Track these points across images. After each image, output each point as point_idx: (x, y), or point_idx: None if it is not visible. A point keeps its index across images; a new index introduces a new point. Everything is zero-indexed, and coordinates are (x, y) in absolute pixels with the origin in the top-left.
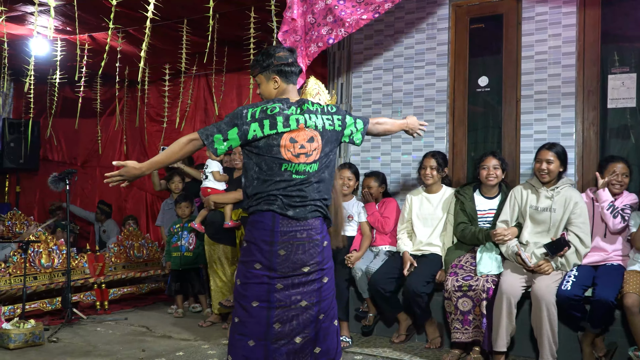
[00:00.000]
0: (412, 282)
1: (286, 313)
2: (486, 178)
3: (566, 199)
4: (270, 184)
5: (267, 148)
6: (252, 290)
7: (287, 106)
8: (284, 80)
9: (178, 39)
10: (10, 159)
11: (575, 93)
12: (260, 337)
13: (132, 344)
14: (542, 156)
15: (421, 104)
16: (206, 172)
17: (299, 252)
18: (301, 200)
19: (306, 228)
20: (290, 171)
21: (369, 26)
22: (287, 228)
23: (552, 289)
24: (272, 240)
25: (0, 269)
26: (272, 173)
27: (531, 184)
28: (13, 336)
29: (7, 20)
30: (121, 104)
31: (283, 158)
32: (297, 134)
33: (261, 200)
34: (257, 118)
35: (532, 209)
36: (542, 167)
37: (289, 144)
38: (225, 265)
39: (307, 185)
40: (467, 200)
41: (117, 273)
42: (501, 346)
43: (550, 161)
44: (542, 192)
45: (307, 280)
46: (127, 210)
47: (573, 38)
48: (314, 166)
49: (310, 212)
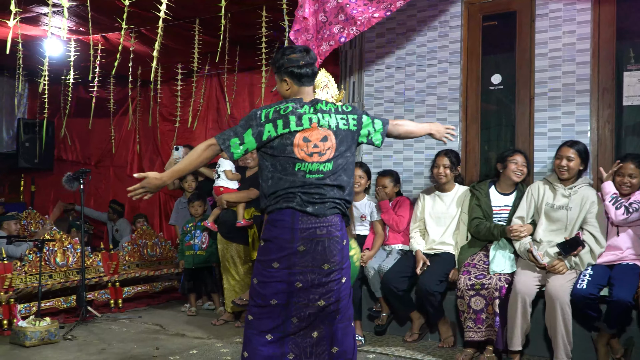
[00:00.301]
0: (425, 281)
1: (304, 310)
2: (513, 172)
3: (583, 198)
4: (286, 182)
5: (281, 148)
6: (271, 289)
7: (300, 105)
8: (296, 83)
9: (190, 39)
10: (25, 159)
11: (590, 90)
12: (278, 331)
13: (146, 342)
14: (562, 153)
15: (434, 102)
16: (218, 171)
17: (318, 248)
18: (320, 197)
19: (325, 224)
20: (304, 171)
21: (381, 24)
22: (306, 225)
23: (567, 289)
24: (292, 238)
25: (16, 268)
26: (287, 173)
27: (549, 180)
28: (29, 334)
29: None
30: (134, 103)
31: (296, 157)
32: (310, 133)
33: (280, 198)
34: (270, 118)
35: (548, 207)
36: (562, 164)
37: (302, 143)
38: (238, 264)
39: (324, 184)
40: (482, 195)
41: (130, 271)
42: (516, 345)
43: (570, 158)
44: (559, 190)
45: (328, 280)
46: (141, 209)
47: (588, 35)
48: (329, 165)
49: (329, 209)
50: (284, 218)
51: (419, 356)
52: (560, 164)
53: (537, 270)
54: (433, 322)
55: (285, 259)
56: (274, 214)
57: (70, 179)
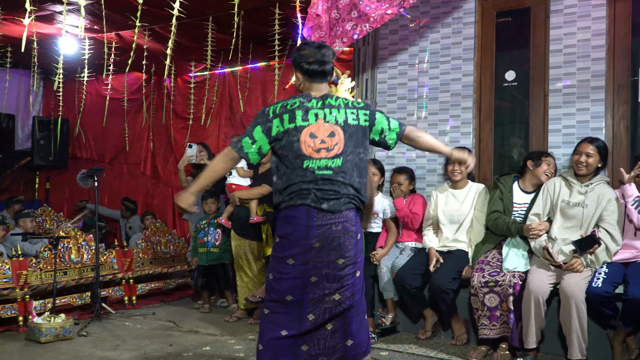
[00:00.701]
0: (438, 278)
1: (320, 305)
2: (544, 173)
3: (599, 196)
4: (297, 178)
5: (289, 145)
6: (286, 285)
7: (308, 100)
8: (307, 79)
9: (203, 36)
10: (40, 156)
11: (605, 87)
12: (293, 328)
13: (159, 338)
14: (582, 149)
15: (447, 99)
16: None
17: (334, 244)
18: (335, 193)
19: (341, 220)
20: (313, 167)
21: (394, 21)
22: (322, 222)
23: (582, 286)
24: (307, 235)
25: (32, 264)
26: (296, 170)
27: (566, 177)
28: (44, 330)
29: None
30: (148, 101)
31: (303, 154)
32: (316, 128)
33: (293, 194)
34: (277, 113)
35: (564, 204)
36: (581, 160)
37: (309, 139)
38: (251, 261)
39: (336, 180)
40: (506, 190)
41: (144, 268)
42: (531, 343)
43: (590, 154)
44: (576, 187)
45: (343, 274)
46: (154, 207)
47: (603, 31)
48: (338, 161)
49: (344, 205)
50: (298, 215)
51: (432, 353)
52: (579, 159)
53: (551, 269)
54: (446, 319)
55: (301, 255)
56: (287, 211)
57: (84, 177)
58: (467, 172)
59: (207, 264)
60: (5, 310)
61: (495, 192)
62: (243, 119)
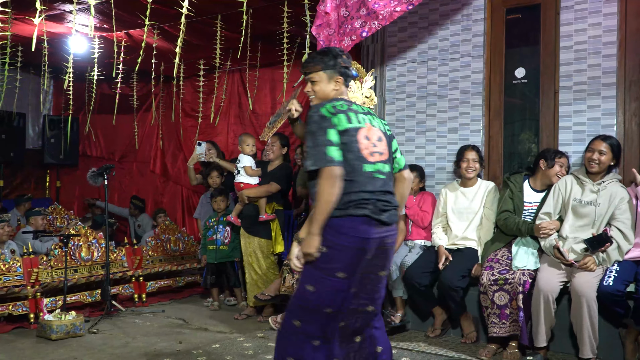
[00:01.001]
0: (448, 276)
1: (353, 315)
2: (556, 174)
3: (612, 194)
4: (358, 187)
5: (350, 145)
6: (328, 298)
7: (349, 104)
8: (344, 83)
9: (212, 35)
10: (50, 155)
11: (617, 84)
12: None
13: (169, 335)
14: (595, 146)
15: (456, 97)
16: (238, 167)
17: (382, 256)
18: (389, 204)
19: (392, 233)
20: (371, 171)
21: (403, 18)
22: (379, 234)
23: (593, 285)
24: (364, 247)
25: (43, 262)
26: (356, 174)
27: (577, 175)
28: (55, 327)
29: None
30: (157, 99)
31: (362, 156)
32: (368, 132)
33: (352, 203)
34: (333, 112)
35: (576, 202)
36: (594, 157)
37: (365, 142)
38: (260, 259)
39: (388, 189)
40: (516, 189)
41: (154, 266)
42: (541, 341)
43: (602, 152)
44: (588, 185)
45: (380, 286)
46: (164, 205)
47: (614, 27)
48: (387, 167)
49: (396, 216)
50: (356, 226)
51: (441, 352)
52: (591, 157)
53: (561, 267)
54: (455, 317)
55: (352, 267)
56: (344, 220)
57: (94, 175)
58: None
59: (216, 262)
60: (17, 307)
61: (506, 191)
62: (252, 117)
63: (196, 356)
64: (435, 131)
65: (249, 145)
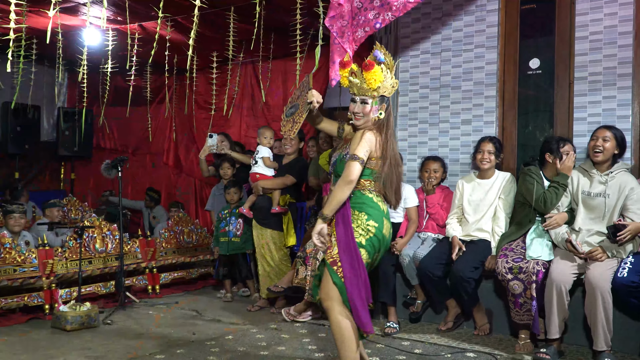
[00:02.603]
0: (460, 267)
1: None
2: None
3: (621, 185)
4: None
5: None
6: None
7: None
8: None
9: (225, 27)
10: (65, 147)
11: (633, 74)
12: None
13: (183, 327)
14: (599, 134)
15: (470, 88)
16: (256, 157)
17: None
18: None
19: None
20: None
21: (417, 9)
22: None
23: (607, 277)
24: None
25: (57, 254)
26: None
27: (584, 168)
28: (70, 318)
29: (61, 12)
30: (170, 92)
31: None
32: None
33: None
34: None
35: (585, 195)
36: (598, 144)
37: None
38: (273, 250)
39: None
40: (539, 178)
41: (167, 258)
42: (554, 333)
43: (606, 139)
44: (596, 177)
45: None
46: (176, 197)
47: (630, 17)
48: None
49: None
50: None
51: (454, 343)
52: (595, 144)
53: (575, 259)
54: (467, 309)
55: None
56: None
57: (108, 167)
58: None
59: (228, 254)
60: (32, 298)
61: (532, 180)
62: (264, 109)
63: (209, 347)
64: (449, 123)
65: (266, 138)
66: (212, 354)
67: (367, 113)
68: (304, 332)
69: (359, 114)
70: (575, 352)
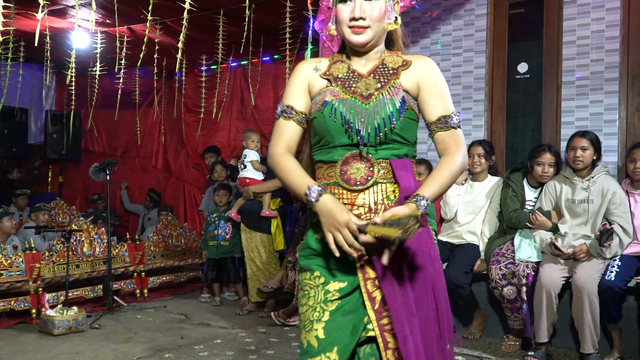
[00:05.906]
0: (451, 273)
1: None
2: (540, 176)
3: (603, 189)
4: None
5: None
6: None
7: None
8: None
9: (215, 29)
10: (53, 150)
11: (619, 78)
12: None
13: (171, 330)
14: (576, 144)
15: (459, 92)
16: (245, 161)
17: None
18: None
19: None
20: None
21: (405, 14)
22: None
23: (594, 279)
24: None
25: (45, 257)
26: None
27: (565, 176)
28: (57, 322)
29: (50, 14)
30: (159, 95)
31: None
32: None
33: None
34: None
35: (569, 202)
36: (577, 155)
37: None
38: (262, 252)
39: None
40: (518, 187)
41: (156, 262)
42: (543, 337)
43: (585, 148)
44: (578, 183)
45: None
46: (166, 200)
47: (617, 22)
48: None
49: None
50: None
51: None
52: (575, 155)
53: (563, 262)
54: (467, 314)
55: None
56: None
57: (96, 170)
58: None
59: (217, 257)
60: (19, 302)
61: (509, 191)
62: (254, 113)
63: (198, 351)
64: None
65: (253, 141)
66: (201, 358)
67: (381, 17)
68: (293, 336)
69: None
70: (563, 355)
